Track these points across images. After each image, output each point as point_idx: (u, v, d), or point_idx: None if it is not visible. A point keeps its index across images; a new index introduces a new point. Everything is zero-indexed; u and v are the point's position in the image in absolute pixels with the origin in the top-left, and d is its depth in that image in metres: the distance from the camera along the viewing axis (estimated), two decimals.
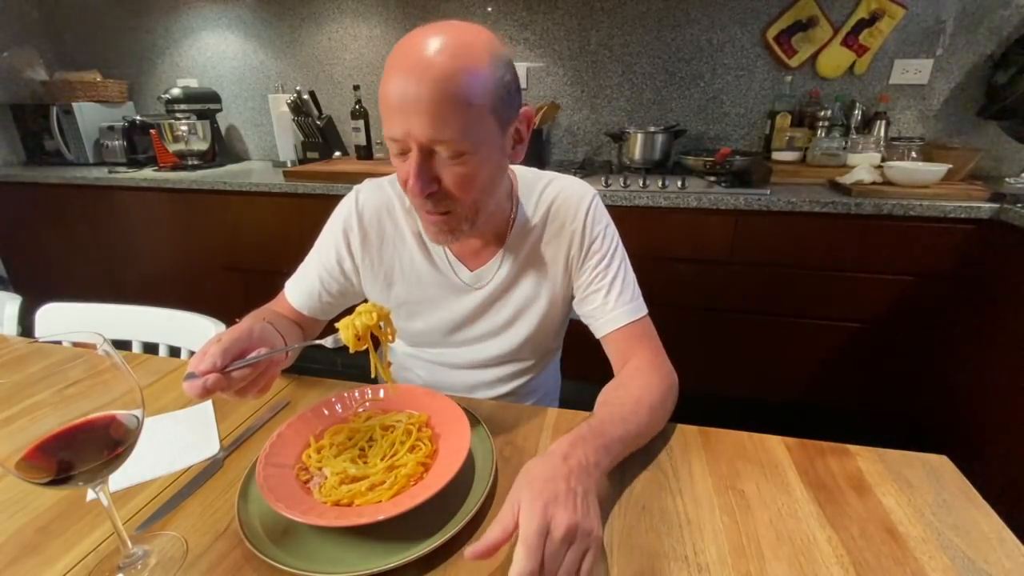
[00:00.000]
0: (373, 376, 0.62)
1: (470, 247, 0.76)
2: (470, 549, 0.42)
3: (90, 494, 0.55)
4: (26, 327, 1.05)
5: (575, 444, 0.52)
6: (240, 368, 0.52)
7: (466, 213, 0.64)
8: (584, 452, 0.51)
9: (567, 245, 0.75)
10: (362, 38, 2.21)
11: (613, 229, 0.77)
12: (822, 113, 1.80)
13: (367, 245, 0.77)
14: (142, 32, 2.44)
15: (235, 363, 0.52)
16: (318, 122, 2.15)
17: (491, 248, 0.76)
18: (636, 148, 1.90)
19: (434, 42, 0.54)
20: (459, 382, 0.83)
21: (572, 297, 0.79)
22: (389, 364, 0.65)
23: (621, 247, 0.77)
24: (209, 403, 0.72)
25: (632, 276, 0.76)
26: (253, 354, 0.54)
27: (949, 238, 1.42)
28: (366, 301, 0.66)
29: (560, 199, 0.75)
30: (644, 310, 0.74)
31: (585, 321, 0.78)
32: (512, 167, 0.77)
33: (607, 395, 0.66)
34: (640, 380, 0.67)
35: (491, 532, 0.43)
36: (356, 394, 0.68)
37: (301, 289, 0.80)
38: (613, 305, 0.73)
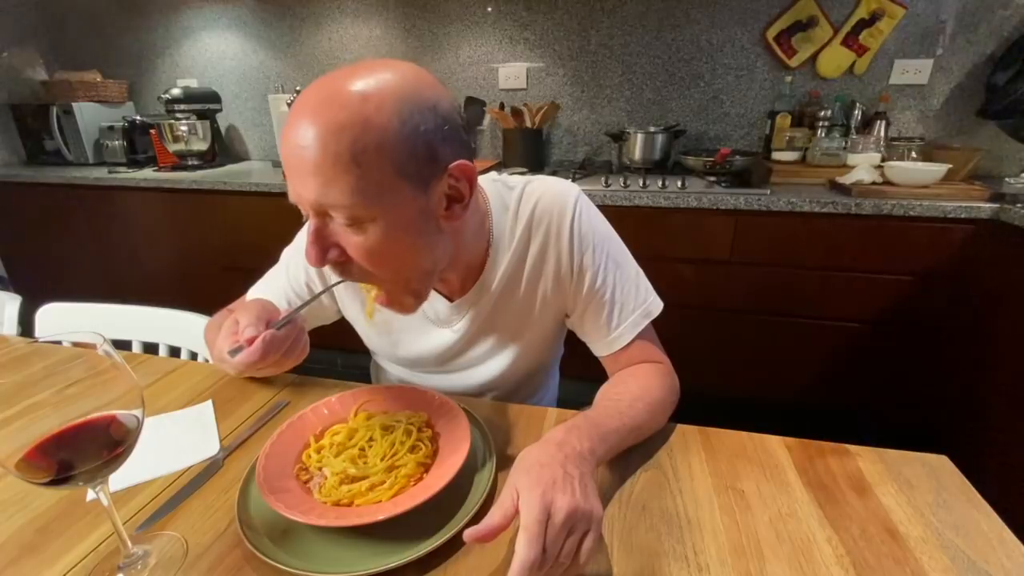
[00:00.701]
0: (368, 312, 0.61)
1: (446, 280, 0.69)
2: (470, 531, 0.42)
3: (90, 494, 0.54)
4: (26, 327, 1.05)
5: (570, 431, 0.52)
6: (284, 324, 0.52)
7: (397, 288, 0.57)
8: (578, 439, 0.51)
9: (554, 265, 0.68)
10: (362, 39, 2.21)
11: (604, 232, 0.70)
12: (822, 113, 1.80)
13: None
14: (142, 32, 2.44)
15: (273, 323, 0.52)
16: None
17: (470, 279, 0.69)
18: (636, 148, 1.90)
19: (327, 92, 0.47)
20: None
21: (565, 315, 0.74)
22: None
23: (615, 248, 0.71)
24: (209, 403, 0.72)
25: (632, 275, 0.71)
26: (284, 313, 0.54)
27: (949, 238, 1.42)
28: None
29: (539, 212, 0.67)
30: (651, 314, 0.70)
31: (581, 338, 0.75)
32: (479, 180, 0.66)
33: (605, 391, 0.66)
34: (640, 380, 0.66)
35: (491, 516, 0.43)
36: (356, 394, 0.68)
37: None
38: (615, 324, 0.69)
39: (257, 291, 0.78)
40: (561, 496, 0.43)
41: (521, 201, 0.68)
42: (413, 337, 0.76)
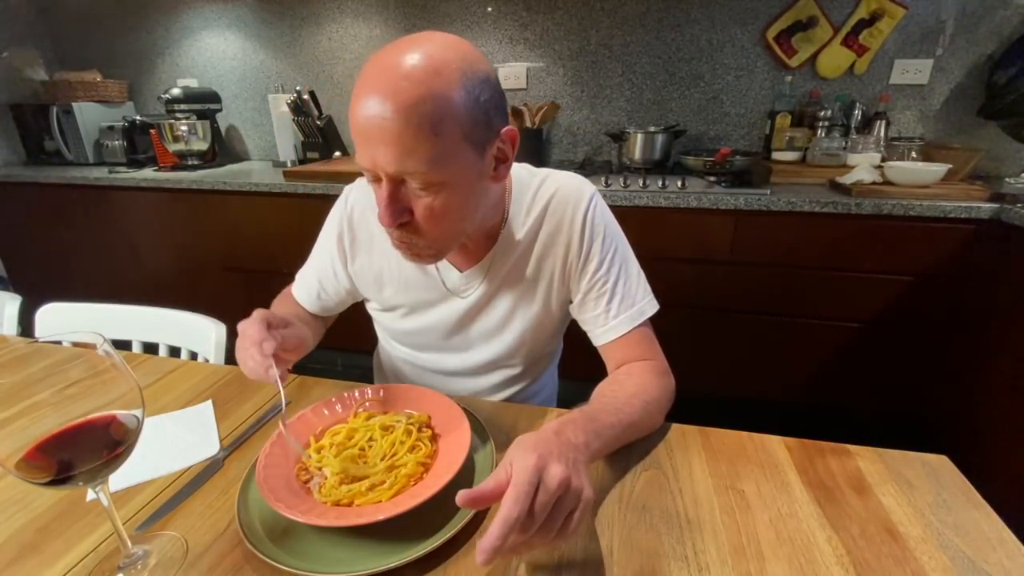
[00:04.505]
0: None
1: (460, 250, 0.73)
2: (462, 492, 0.42)
3: (90, 494, 0.54)
4: (26, 327, 1.06)
5: (565, 424, 0.52)
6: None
7: (430, 247, 0.61)
8: (574, 432, 0.51)
9: (564, 249, 0.72)
10: (362, 38, 2.21)
11: (614, 228, 0.74)
12: (822, 113, 1.80)
13: (357, 247, 0.77)
14: (142, 32, 2.44)
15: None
16: (318, 122, 2.15)
17: (482, 250, 0.73)
18: (636, 148, 1.90)
19: (400, 66, 0.50)
20: (453, 389, 0.81)
21: (569, 301, 0.76)
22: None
23: (622, 245, 0.74)
24: (209, 403, 0.72)
25: (634, 274, 0.74)
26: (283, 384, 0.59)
27: (949, 238, 1.42)
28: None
29: (556, 199, 0.72)
30: (646, 312, 0.72)
31: (583, 327, 0.76)
32: None
33: (602, 389, 0.66)
34: (636, 378, 0.67)
35: (485, 484, 0.43)
36: (356, 394, 0.68)
37: (303, 286, 0.83)
38: (614, 313, 0.71)
39: (300, 276, 0.85)
40: (556, 464, 0.43)
41: (542, 186, 0.73)
42: (424, 309, 0.78)
